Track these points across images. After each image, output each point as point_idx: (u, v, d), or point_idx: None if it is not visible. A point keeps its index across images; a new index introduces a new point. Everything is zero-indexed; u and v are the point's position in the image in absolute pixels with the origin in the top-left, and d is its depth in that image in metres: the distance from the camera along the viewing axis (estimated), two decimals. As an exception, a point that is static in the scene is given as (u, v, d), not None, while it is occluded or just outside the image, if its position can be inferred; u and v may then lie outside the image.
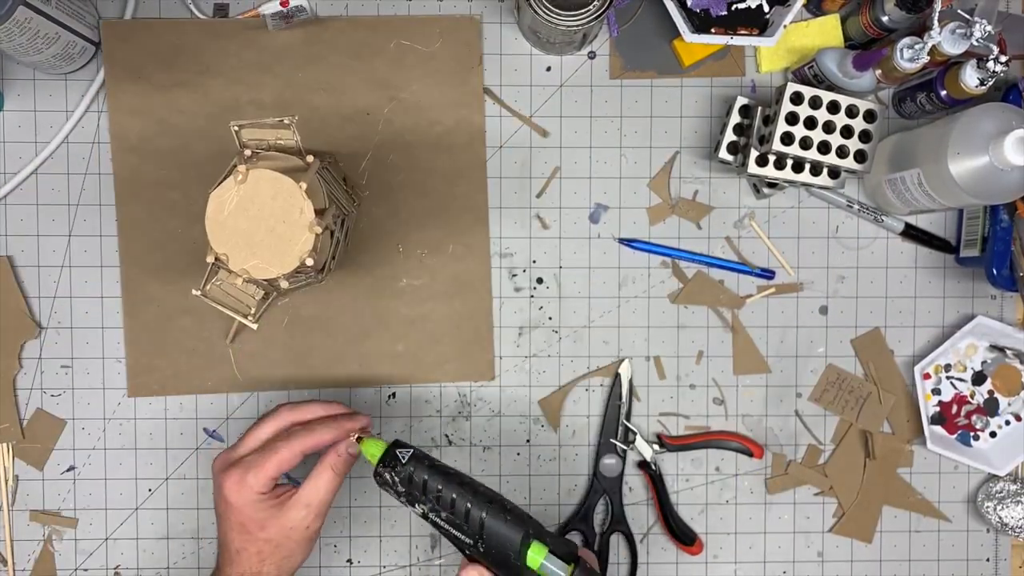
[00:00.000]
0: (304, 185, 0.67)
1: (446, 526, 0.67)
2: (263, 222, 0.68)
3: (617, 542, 0.86)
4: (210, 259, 0.68)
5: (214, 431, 0.85)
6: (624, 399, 0.85)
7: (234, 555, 0.71)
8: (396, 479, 0.67)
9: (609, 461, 0.85)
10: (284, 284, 0.69)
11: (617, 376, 0.85)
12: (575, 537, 0.85)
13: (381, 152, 0.84)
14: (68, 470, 0.85)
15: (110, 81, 0.82)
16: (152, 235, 0.83)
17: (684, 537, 0.85)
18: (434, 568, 0.86)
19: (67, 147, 0.84)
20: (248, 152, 0.69)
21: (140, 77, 0.82)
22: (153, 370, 0.84)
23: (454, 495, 0.66)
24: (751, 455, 0.85)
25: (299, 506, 0.70)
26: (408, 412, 0.86)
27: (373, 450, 0.69)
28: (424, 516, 0.68)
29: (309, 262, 0.68)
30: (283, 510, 0.70)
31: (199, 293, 0.70)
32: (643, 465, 0.85)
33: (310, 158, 0.70)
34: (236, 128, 0.68)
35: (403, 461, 0.68)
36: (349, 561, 0.86)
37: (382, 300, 0.84)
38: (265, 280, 0.69)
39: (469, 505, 0.66)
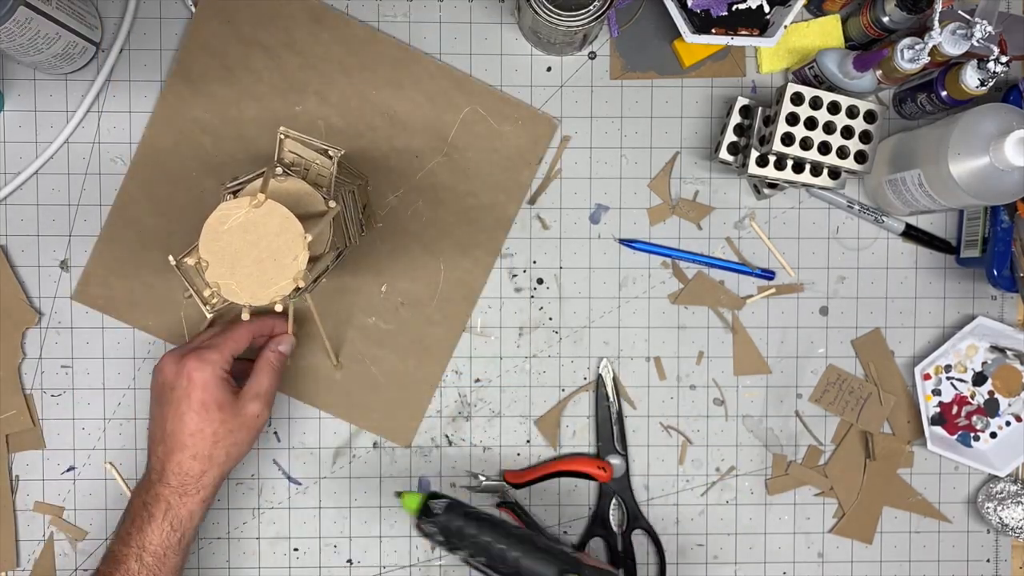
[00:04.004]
0: (310, 238, 0.66)
1: (486, 570, 0.72)
2: (256, 250, 0.67)
3: (646, 542, 0.86)
4: (188, 261, 0.68)
5: (214, 431, 0.85)
6: (612, 398, 0.85)
7: (186, 438, 0.73)
8: (435, 529, 0.74)
9: (614, 462, 0.85)
10: (244, 316, 0.69)
11: (599, 378, 0.85)
12: (597, 543, 0.86)
13: (411, 196, 0.84)
14: (68, 470, 0.85)
15: (196, 23, 0.83)
16: (172, 166, 0.83)
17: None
18: (434, 568, 0.86)
19: (67, 147, 0.84)
20: (280, 171, 0.69)
21: (230, 22, 0.83)
22: (106, 286, 0.84)
23: (488, 539, 0.71)
24: (595, 480, 0.84)
25: (250, 396, 0.75)
26: (408, 412, 0.86)
27: (411, 503, 0.75)
28: (466, 561, 0.74)
29: (278, 308, 0.68)
30: (238, 399, 0.75)
31: (175, 262, 0.69)
32: (501, 504, 0.85)
33: (332, 204, 0.69)
34: (283, 136, 0.68)
35: (439, 512, 0.74)
36: (349, 561, 0.86)
37: (342, 326, 0.84)
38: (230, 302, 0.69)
39: (504, 547, 0.71)
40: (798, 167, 0.79)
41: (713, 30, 0.80)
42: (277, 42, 0.83)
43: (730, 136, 0.82)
